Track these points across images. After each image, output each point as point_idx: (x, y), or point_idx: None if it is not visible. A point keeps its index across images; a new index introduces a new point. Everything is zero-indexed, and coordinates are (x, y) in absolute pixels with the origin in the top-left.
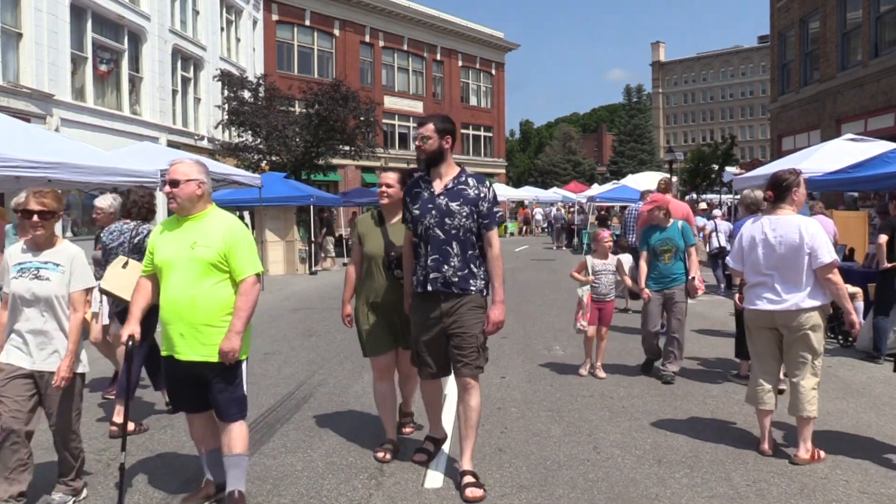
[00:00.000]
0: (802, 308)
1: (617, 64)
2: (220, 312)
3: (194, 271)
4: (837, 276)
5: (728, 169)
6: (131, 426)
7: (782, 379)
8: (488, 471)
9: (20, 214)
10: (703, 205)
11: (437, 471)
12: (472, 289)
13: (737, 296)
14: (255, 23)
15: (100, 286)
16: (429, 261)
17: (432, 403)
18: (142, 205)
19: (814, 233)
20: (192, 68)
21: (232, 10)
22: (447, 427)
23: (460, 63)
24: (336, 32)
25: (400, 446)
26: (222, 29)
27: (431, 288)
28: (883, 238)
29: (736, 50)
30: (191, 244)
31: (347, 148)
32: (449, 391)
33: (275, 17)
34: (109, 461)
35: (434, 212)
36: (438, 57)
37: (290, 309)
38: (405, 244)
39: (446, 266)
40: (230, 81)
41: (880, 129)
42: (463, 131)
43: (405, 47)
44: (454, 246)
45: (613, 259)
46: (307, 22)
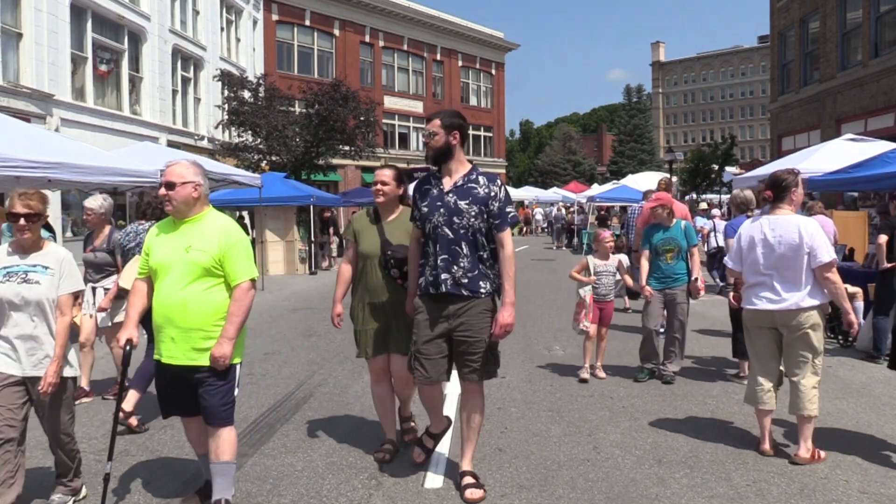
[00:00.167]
0: (802, 307)
1: (617, 64)
2: (213, 317)
3: (187, 275)
4: (836, 276)
5: (728, 169)
6: (134, 421)
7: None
8: (488, 471)
9: (7, 217)
10: (704, 205)
11: (437, 471)
12: (482, 291)
13: (731, 295)
14: (255, 23)
15: (120, 285)
16: (438, 260)
17: (434, 406)
18: (156, 205)
19: (813, 232)
20: (192, 68)
21: (232, 10)
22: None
23: (460, 63)
24: (336, 32)
25: (400, 447)
26: (222, 29)
27: (443, 290)
28: (883, 238)
29: (736, 50)
30: (185, 247)
31: (347, 148)
32: (449, 390)
33: (275, 17)
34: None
35: (443, 210)
36: (438, 57)
37: (290, 309)
38: (412, 243)
39: (456, 267)
40: (230, 81)
41: (880, 129)
42: None
43: (405, 47)
44: (463, 246)
45: (614, 259)
46: (307, 22)
